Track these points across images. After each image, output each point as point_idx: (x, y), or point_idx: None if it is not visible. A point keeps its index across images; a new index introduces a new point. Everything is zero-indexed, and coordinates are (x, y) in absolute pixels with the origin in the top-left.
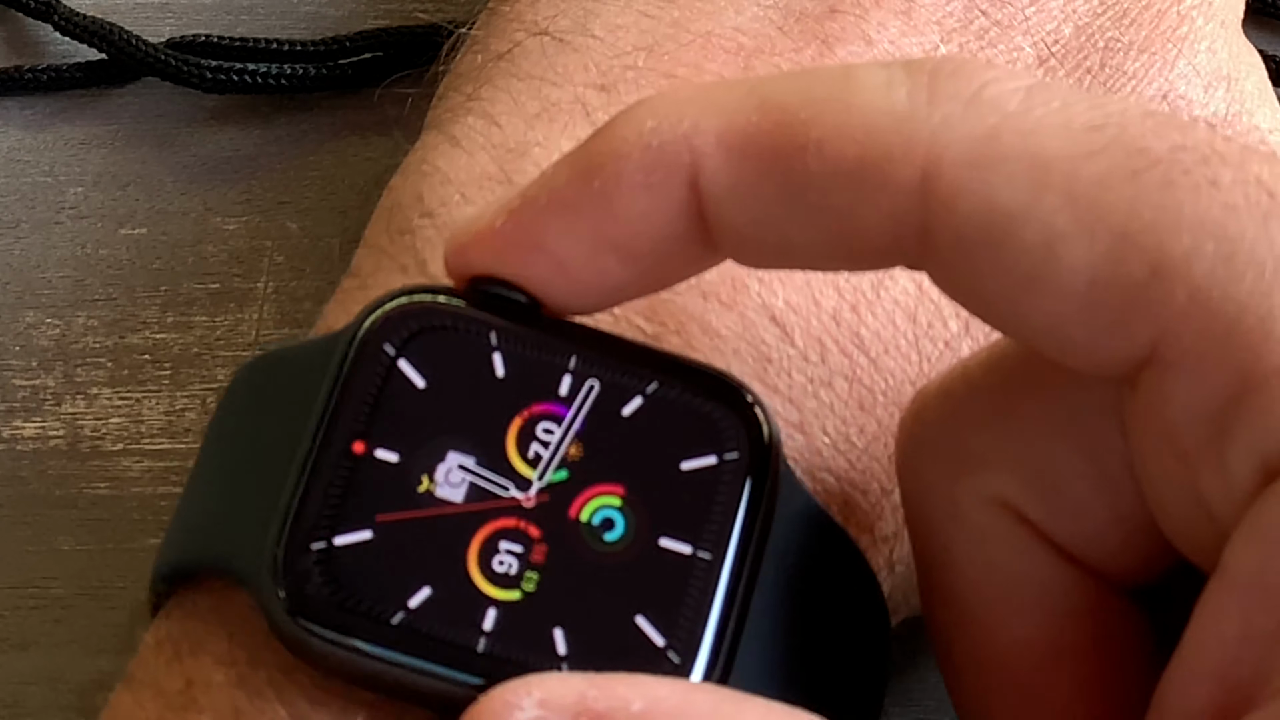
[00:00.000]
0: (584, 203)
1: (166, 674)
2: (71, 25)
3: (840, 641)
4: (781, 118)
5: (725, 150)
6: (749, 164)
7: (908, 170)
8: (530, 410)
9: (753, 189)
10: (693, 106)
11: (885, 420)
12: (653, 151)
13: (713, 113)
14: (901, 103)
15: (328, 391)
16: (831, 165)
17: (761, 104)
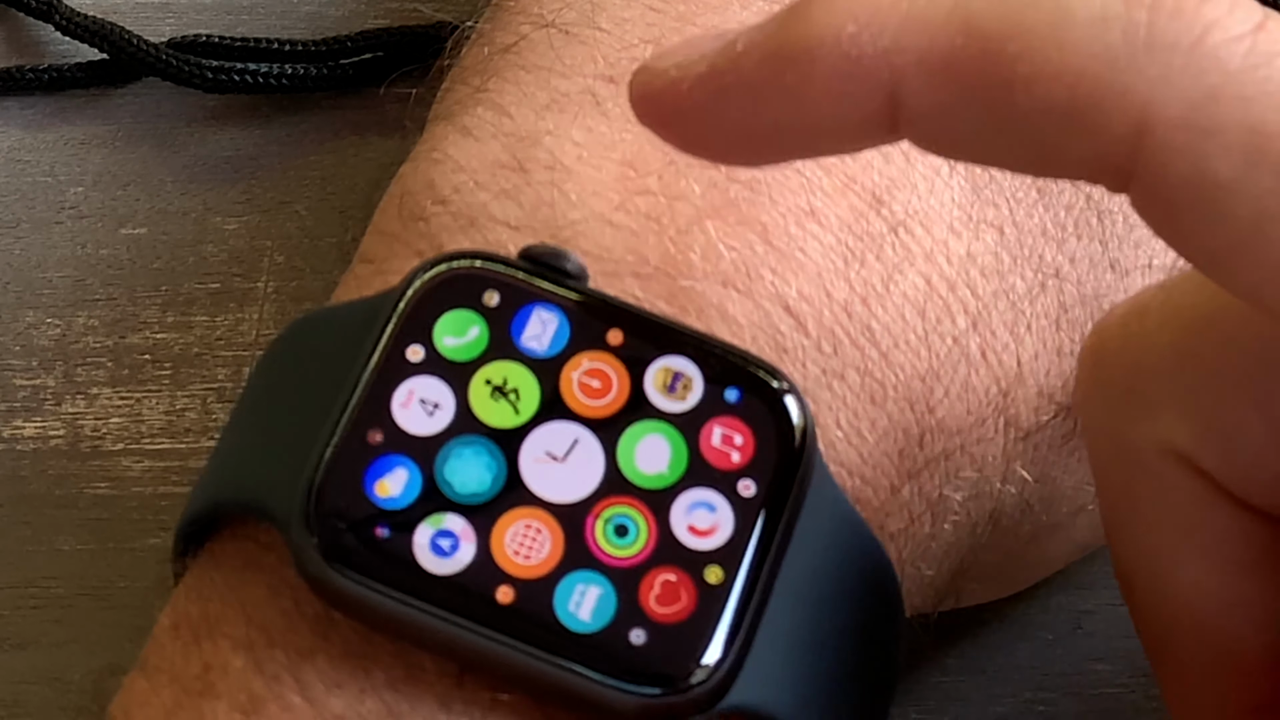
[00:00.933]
0: (773, 93)
1: (183, 659)
2: (72, 25)
3: (856, 633)
4: (988, 46)
5: (927, 73)
6: (951, 89)
7: (1120, 121)
8: (569, 377)
9: (953, 111)
10: (894, 18)
11: (895, 415)
12: (851, 62)
13: (915, 30)
14: (1117, 46)
15: (371, 348)
16: (1039, 104)
17: (966, 27)
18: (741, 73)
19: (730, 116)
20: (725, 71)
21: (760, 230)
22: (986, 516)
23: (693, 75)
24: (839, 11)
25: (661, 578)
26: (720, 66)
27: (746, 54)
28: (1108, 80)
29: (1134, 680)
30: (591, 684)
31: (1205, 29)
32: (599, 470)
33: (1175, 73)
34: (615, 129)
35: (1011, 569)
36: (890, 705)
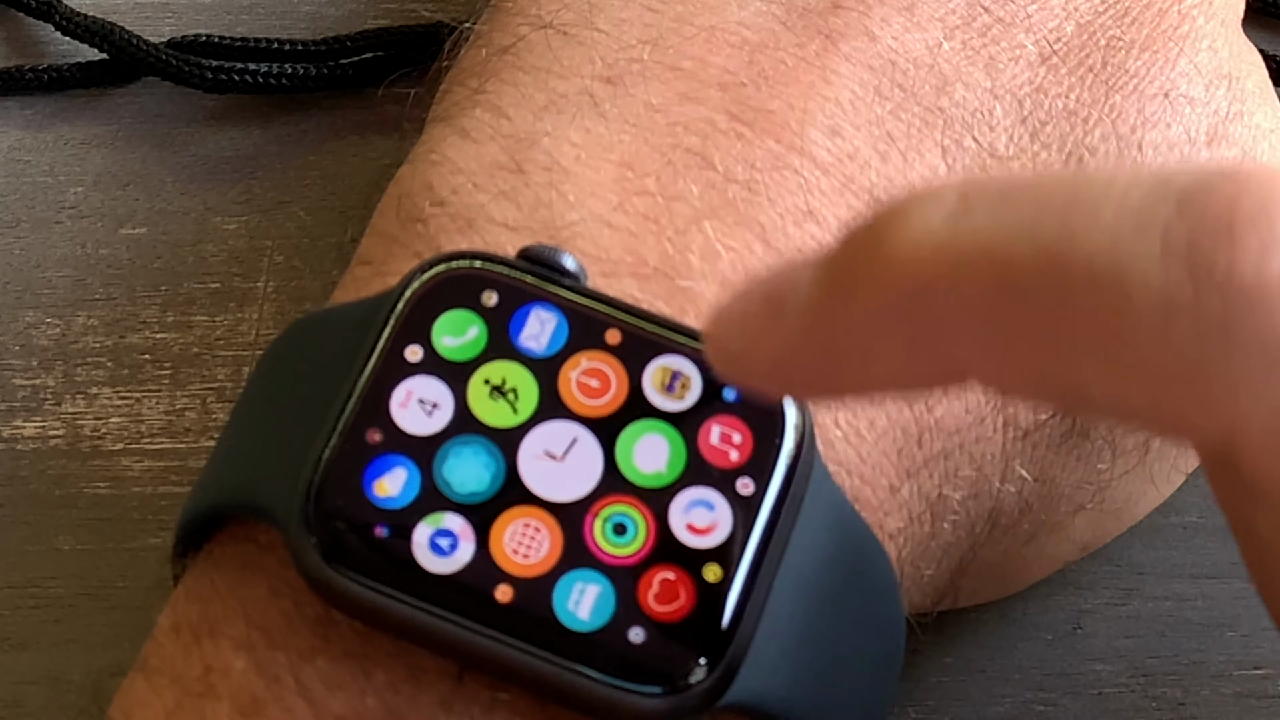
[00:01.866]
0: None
1: (184, 660)
2: (72, 25)
3: (856, 632)
4: (1052, 349)
5: (994, 370)
6: (1024, 379)
7: (1206, 431)
8: (568, 376)
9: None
10: (945, 315)
11: (894, 415)
12: (910, 355)
13: (972, 335)
14: (1191, 348)
15: (370, 348)
16: (1116, 402)
17: (1024, 323)
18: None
19: (804, 384)
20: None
21: (758, 231)
22: (985, 516)
23: (764, 365)
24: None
25: (660, 576)
26: (782, 358)
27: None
28: (1186, 387)
29: (1134, 680)
30: (591, 683)
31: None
32: (597, 469)
33: (1259, 378)
34: (613, 130)
35: (1011, 568)
36: (890, 704)
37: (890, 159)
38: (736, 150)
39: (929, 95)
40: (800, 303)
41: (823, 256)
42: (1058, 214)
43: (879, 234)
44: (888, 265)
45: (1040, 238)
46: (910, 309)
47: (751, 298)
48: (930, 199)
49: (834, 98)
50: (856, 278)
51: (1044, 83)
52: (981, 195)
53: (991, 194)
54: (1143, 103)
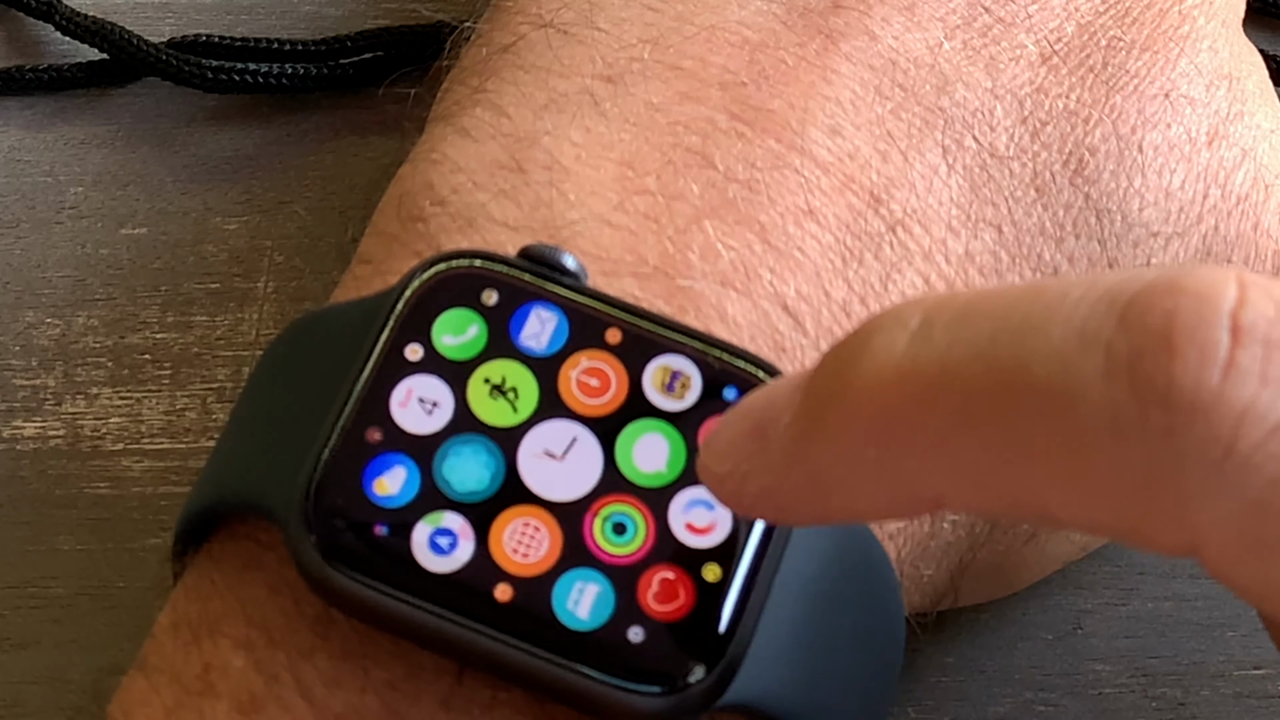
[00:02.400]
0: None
1: (184, 659)
2: (72, 25)
3: (856, 631)
4: (1013, 472)
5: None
6: (990, 504)
7: (1170, 542)
8: (568, 375)
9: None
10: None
11: None
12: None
13: (937, 462)
14: (1141, 467)
15: (370, 347)
16: (1082, 522)
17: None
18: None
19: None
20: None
21: (758, 230)
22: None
23: (749, 493)
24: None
25: (660, 576)
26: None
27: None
28: (1147, 505)
29: (1134, 680)
30: (591, 682)
31: (1234, 431)
32: (598, 469)
33: (1213, 493)
34: (613, 129)
35: (1010, 568)
36: (891, 703)
37: (890, 158)
38: (737, 149)
39: (929, 95)
40: (780, 433)
41: (802, 379)
42: (1011, 334)
43: (847, 359)
44: (854, 394)
45: (994, 360)
46: (878, 437)
47: (738, 426)
48: (894, 322)
49: (834, 97)
50: (827, 407)
51: (1044, 83)
52: (941, 315)
53: (951, 314)
54: (1143, 103)
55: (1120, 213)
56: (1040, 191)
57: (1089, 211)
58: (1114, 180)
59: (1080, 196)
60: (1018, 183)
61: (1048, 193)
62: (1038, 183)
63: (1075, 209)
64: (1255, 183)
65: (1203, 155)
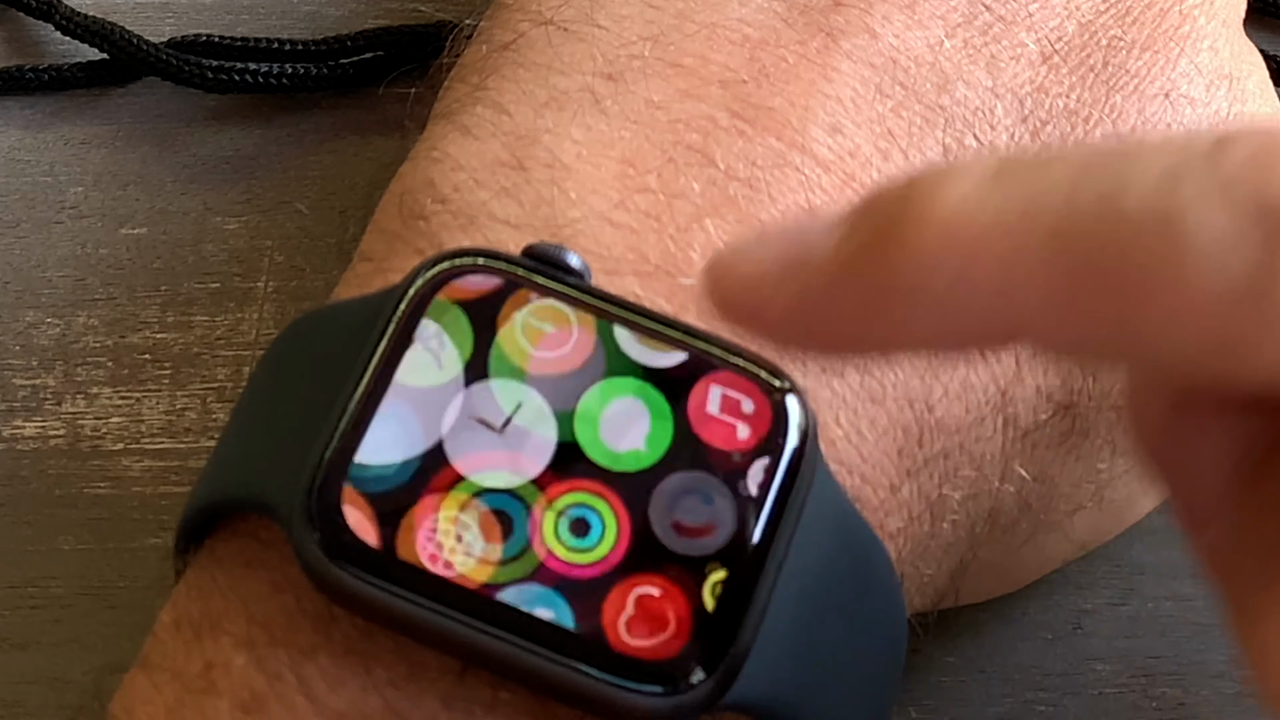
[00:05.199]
0: (878, 322)
1: (185, 657)
2: (72, 25)
3: (858, 631)
4: (1107, 289)
5: (1047, 318)
6: (1076, 330)
7: (1271, 355)
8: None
9: (1082, 345)
10: (994, 259)
11: (894, 414)
12: (957, 307)
13: (1023, 275)
14: (1244, 279)
15: (374, 344)
16: (1178, 343)
17: (1076, 267)
18: (840, 303)
19: (833, 331)
20: (816, 306)
21: (759, 228)
22: (985, 515)
23: (784, 296)
24: (933, 252)
25: (661, 575)
26: (814, 290)
27: (835, 290)
28: (1244, 315)
29: (1134, 680)
30: (594, 682)
31: None
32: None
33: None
34: (614, 127)
35: (1010, 568)
36: (892, 704)
37: (891, 156)
38: (738, 147)
39: (930, 93)
40: (826, 254)
41: (849, 214)
42: (1103, 168)
43: (916, 198)
44: (929, 226)
45: (1092, 190)
46: (955, 271)
47: (764, 244)
48: (959, 171)
49: (835, 95)
50: (899, 234)
51: (1045, 82)
52: (1016, 163)
53: (1031, 160)
54: (1143, 103)
55: None
56: None
57: None
58: None
59: None
60: None
61: None
62: None
63: None
64: None
65: None
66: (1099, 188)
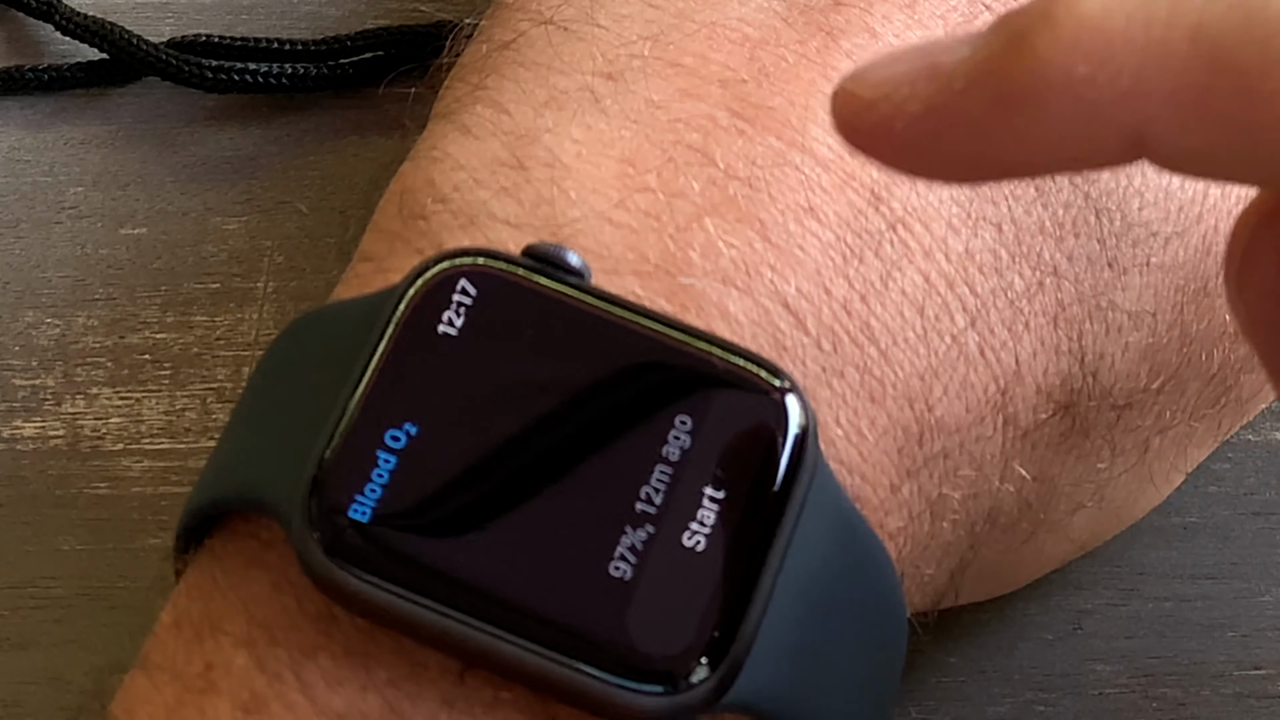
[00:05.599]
0: (1001, 134)
1: (185, 657)
2: (72, 25)
3: (858, 631)
4: (1243, 84)
5: (1178, 116)
6: (1207, 131)
7: None
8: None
9: (1209, 150)
10: (1131, 55)
11: (894, 413)
12: (1087, 106)
13: (1158, 69)
14: None
15: (374, 344)
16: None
17: (1216, 63)
18: (964, 114)
19: (954, 150)
20: (945, 112)
21: (759, 227)
22: (985, 515)
23: (907, 114)
24: (1067, 47)
25: (663, 575)
26: (938, 106)
27: (968, 93)
28: None
29: (1134, 680)
30: (594, 682)
31: None
32: None
33: None
34: (614, 126)
35: (1010, 567)
36: (893, 704)
37: None
38: (738, 147)
39: None
40: (962, 58)
41: (987, 26)
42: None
43: (1054, 4)
44: (1069, 21)
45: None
46: (1094, 59)
47: (896, 59)
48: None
49: None
50: (1033, 33)
51: None
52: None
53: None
54: None
55: (1120, 211)
56: (1039, 190)
57: (1088, 210)
58: (1113, 179)
59: (1080, 195)
60: (1017, 181)
61: (1047, 191)
62: (1037, 181)
63: (1075, 208)
64: None
65: None
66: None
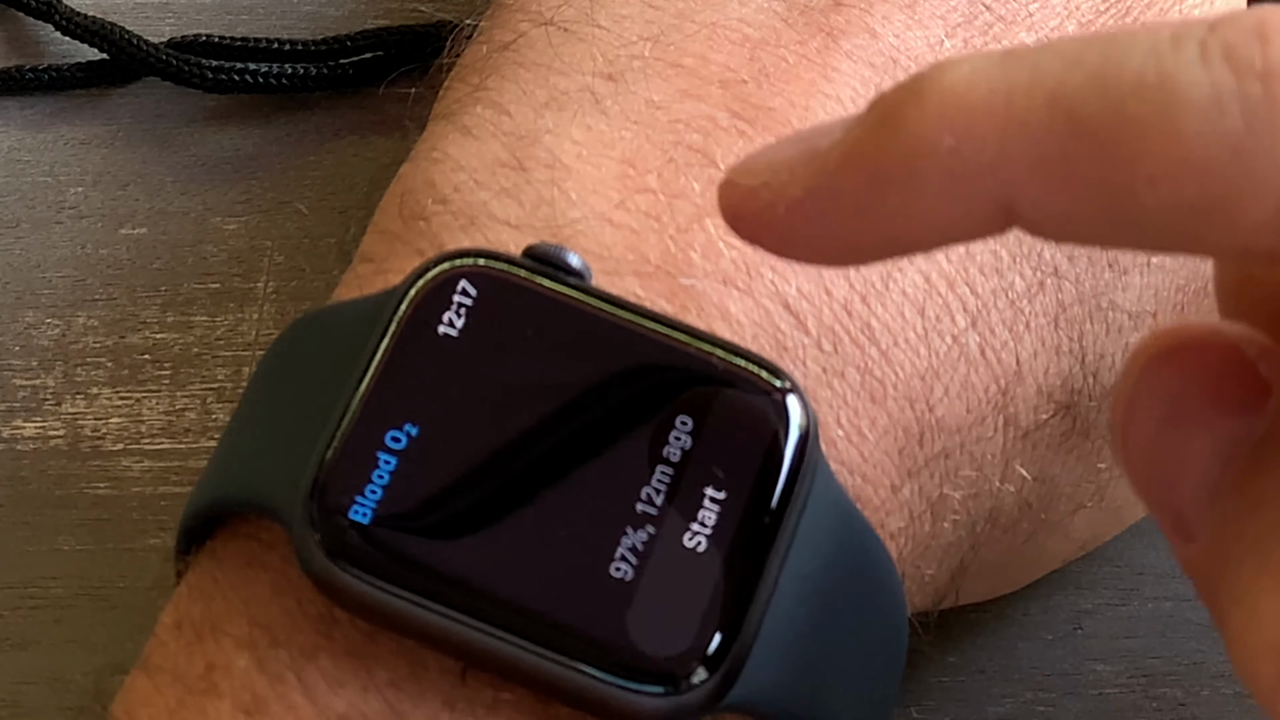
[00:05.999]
0: (876, 212)
1: (186, 658)
2: (72, 25)
3: (859, 631)
4: (1102, 146)
5: (1041, 182)
6: (1070, 196)
7: (1258, 210)
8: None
9: (1075, 214)
10: (991, 126)
11: (895, 414)
12: (956, 179)
13: (1018, 138)
14: (1238, 133)
15: (375, 345)
16: (1167, 201)
17: (1072, 129)
18: (842, 195)
19: (836, 232)
20: (824, 195)
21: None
22: (986, 515)
23: (788, 198)
24: (934, 122)
25: (664, 576)
26: (816, 189)
27: (843, 174)
28: (1237, 169)
29: (1134, 680)
30: (595, 682)
31: None
32: None
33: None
34: (614, 127)
35: (1010, 567)
36: (893, 703)
37: None
38: (738, 147)
39: None
40: (836, 140)
41: (858, 112)
42: (1100, 45)
43: (921, 79)
44: (934, 95)
45: (1086, 64)
46: (959, 131)
47: (777, 147)
48: (969, 56)
49: (835, 95)
50: (901, 110)
51: None
52: (1024, 46)
53: (1030, 47)
54: None
55: None
56: None
57: None
58: None
59: None
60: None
61: None
62: None
63: None
64: None
65: None
66: (1099, 57)
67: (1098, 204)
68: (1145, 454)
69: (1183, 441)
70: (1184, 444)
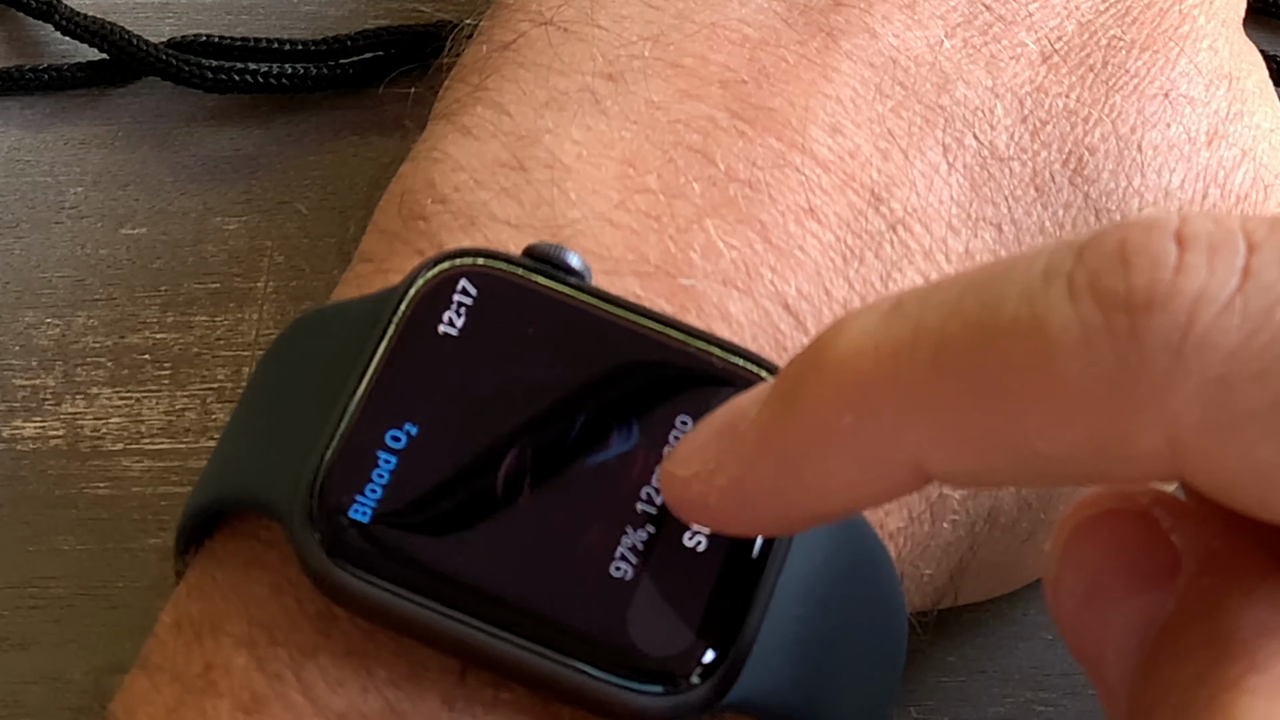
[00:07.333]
0: (791, 488)
1: (185, 657)
2: (72, 25)
3: (858, 630)
4: (988, 399)
5: (940, 442)
6: (969, 450)
7: (1147, 443)
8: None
9: (979, 467)
10: (885, 393)
11: None
12: (861, 452)
13: (912, 403)
14: (1112, 369)
15: (374, 345)
16: (1060, 447)
17: (958, 384)
18: (760, 479)
19: (764, 510)
20: (746, 481)
21: (759, 228)
22: (985, 514)
23: (717, 488)
24: (831, 398)
25: (663, 576)
26: (738, 477)
27: (758, 461)
28: (1118, 407)
29: None
30: (595, 682)
31: (1190, 315)
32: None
33: (1178, 377)
34: (614, 127)
35: (1010, 567)
36: (892, 703)
37: (891, 157)
38: (738, 148)
39: (930, 93)
40: (750, 422)
41: (768, 385)
42: (978, 287)
43: (819, 346)
44: (828, 369)
45: (964, 313)
46: (853, 401)
47: (704, 432)
48: (865, 309)
49: (835, 95)
50: (802, 387)
51: (1045, 82)
52: (912, 294)
53: (921, 291)
54: (1143, 103)
55: (1119, 212)
56: (1040, 190)
57: (1088, 211)
58: (1113, 180)
59: (1080, 196)
60: (1018, 182)
61: (1047, 192)
62: (1037, 182)
63: (1074, 208)
64: (1255, 182)
65: (1202, 155)
66: (978, 302)
67: (998, 457)
68: (1072, 628)
69: (1103, 617)
70: (1104, 620)
